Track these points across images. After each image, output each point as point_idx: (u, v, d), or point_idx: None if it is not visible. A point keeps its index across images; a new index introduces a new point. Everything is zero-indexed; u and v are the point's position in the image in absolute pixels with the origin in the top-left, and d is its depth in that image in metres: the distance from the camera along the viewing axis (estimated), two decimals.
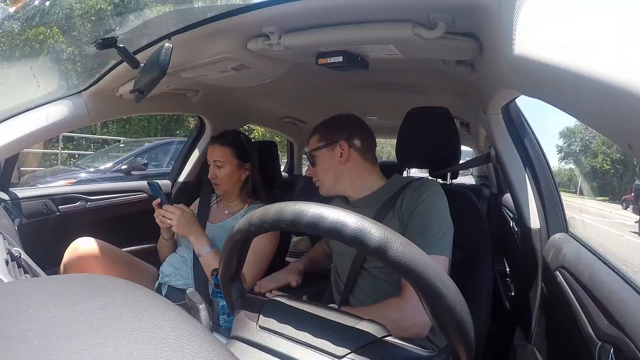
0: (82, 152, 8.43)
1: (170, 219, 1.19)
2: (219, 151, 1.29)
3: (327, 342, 0.45)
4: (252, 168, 1.34)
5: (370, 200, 0.99)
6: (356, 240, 0.39)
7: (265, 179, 1.40)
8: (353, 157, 1.01)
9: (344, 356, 0.43)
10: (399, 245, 0.38)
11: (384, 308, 0.85)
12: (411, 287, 0.39)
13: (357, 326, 0.47)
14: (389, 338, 0.47)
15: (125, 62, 0.90)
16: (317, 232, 0.41)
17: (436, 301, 0.38)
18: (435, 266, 0.38)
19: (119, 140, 8.27)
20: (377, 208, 0.95)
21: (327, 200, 0.94)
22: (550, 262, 0.92)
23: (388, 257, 0.38)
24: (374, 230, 0.38)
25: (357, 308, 0.89)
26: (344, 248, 1.02)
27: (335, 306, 0.64)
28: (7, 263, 0.71)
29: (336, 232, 0.39)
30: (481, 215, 1.05)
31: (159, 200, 1.23)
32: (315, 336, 0.45)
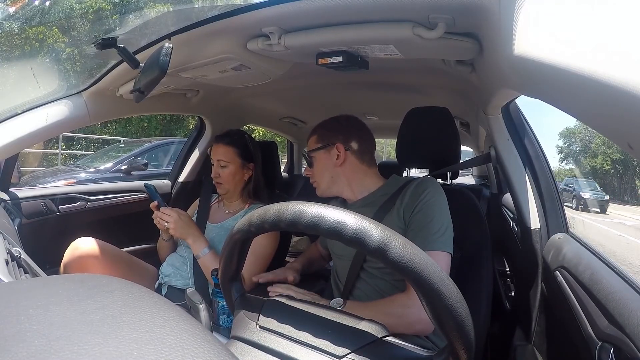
0: (83, 152, 8.42)
1: (167, 222, 1.19)
2: (223, 150, 1.29)
3: (327, 342, 0.45)
4: (254, 168, 1.34)
5: (369, 201, 0.99)
6: (356, 240, 0.39)
7: (265, 179, 1.40)
8: (349, 160, 1.00)
9: (344, 356, 0.43)
10: (399, 245, 0.38)
11: (389, 304, 0.85)
12: None
13: (357, 326, 0.47)
14: (389, 338, 0.47)
15: (125, 62, 0.90)
16: (318, 232, 0.41)
17: (436, 301, 0.38)
18: (435, 266, 0.38)
19: (119, 140, 8.27)
20: (376, 209, 0.95)
21: (326, 201, 0.95)
22: (551, 262, 0.92)
23: (388, 257, 0.37)
24: (374, 230, 0.38)
25: (363, 303, 0.89)
26: (342, 250, 1.02)
27: (341, 300, 0.63)
28: (7, 263, 0.71)
29: (336, 232, 0.39)
30: (481, 215, 1.05)
31: (156, 202, 1.23)
32: (315, 336, 0.45)
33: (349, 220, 0.39)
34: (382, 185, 1.01)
